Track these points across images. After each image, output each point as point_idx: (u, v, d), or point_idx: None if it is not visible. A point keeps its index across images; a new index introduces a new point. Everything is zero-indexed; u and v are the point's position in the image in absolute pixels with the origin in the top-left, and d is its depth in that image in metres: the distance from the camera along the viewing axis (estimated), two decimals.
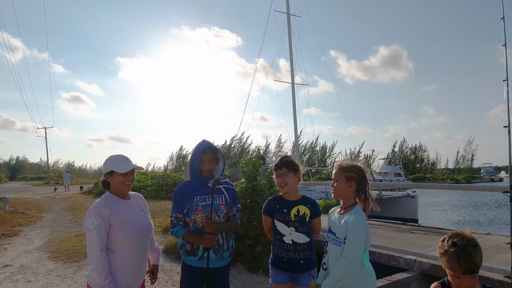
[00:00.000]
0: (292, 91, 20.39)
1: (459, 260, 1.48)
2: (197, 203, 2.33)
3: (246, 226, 4.97)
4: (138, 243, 2.13)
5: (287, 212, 2.33)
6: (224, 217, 2.39)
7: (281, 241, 2.33)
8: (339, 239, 1.98)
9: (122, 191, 2.16)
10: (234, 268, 4.84)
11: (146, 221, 2.24)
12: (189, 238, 2.32)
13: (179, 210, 2.38)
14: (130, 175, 2.16)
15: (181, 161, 66.82)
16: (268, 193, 5.09)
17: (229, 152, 50.51)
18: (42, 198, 17.77)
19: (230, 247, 2.42)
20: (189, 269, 2.36)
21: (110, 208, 2.05)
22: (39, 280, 4.73)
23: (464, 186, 12.32)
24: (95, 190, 20.80)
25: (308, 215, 2.33)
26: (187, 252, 2.36)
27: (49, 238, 7.63)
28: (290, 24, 20.73)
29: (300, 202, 2.37)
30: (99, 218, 2.00)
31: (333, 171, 2.13)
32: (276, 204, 2.40)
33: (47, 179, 41.68)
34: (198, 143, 2.47)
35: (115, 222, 2.04)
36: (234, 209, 2.47)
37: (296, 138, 20.68)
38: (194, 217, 2.32)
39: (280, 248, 2.34)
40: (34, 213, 11.35)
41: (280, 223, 2.35)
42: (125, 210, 2.12)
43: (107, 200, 2.11)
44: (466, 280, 1.50)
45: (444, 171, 66.54)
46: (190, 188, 2.41)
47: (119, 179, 2.11)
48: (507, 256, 4.07)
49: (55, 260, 5.71)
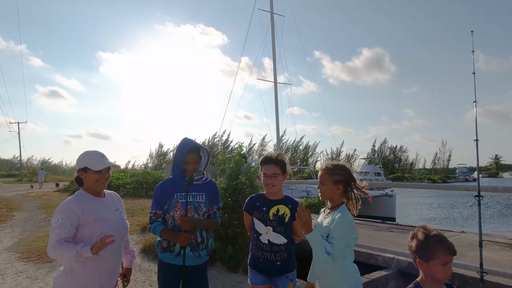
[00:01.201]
0: (274, 90, 20.45)
1: (446, 242, 1.50)
2: (177, 199, 2.31)
3: (226, 225, 4.91)
4: (113, 243, 2.02)
5: (266, 210, 2.28)
6: (204, 215, 2.36)
7: (258, 240, 2.28)
8: (325, 239, 1.94)
9: (96, 189, 2.06)
10: (214, 267, 4.77)
11: (121, 220, 2.14)
12: (166, 235, 2.29)
13: (159, 206, 2.35)
14: (105, 173, 2.07)
15: (161, 158, 65.83)
16: (248, 191, 5.04)
17: (212, 150, 50.19)
18: (14, 196, 17.01)
19: (208, 245, 2.38)
20: (166, 266, 2.33)
21: (81, 206, 1.95)
22: (7, 282, 4.48)
23: (441, 185, 12.71)
24: (71, 188, 20.16)
25: (288, 216, 2.26)
26: (164, 249, 2.32)
27: (19, 237, 7.28)
28: (273, 23, 20.79)
29: (282, 202, 2.31)
30: (64, 217, 1.90)
31: (319, 172, 2.10)
32: (256, 201, 2.35)
33: (20, 176, 40.13)
34: (182, 142, 2.42)
35: (86, 221, 1.94)
36: (215, 207, 2.44)
37: (278, 137, 20.73)
38: (173, 214, 2.31)
39: (257, 248, 2.29)
40: (4, 211, 10.84)
41: (258, 221, 2.29)
42: (99, 208, 2.03)
43: (79, 198, 2.01)
44: (448, 265, 1.50)
45: (422, 171, 68.68)
46: (171, 185, 2.37)
47: (93, 176, 2.03)
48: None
49: (25, 261, 5.44)
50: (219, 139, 57.54)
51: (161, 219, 2.34)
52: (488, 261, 3.81)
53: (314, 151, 64.88)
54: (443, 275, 1.51)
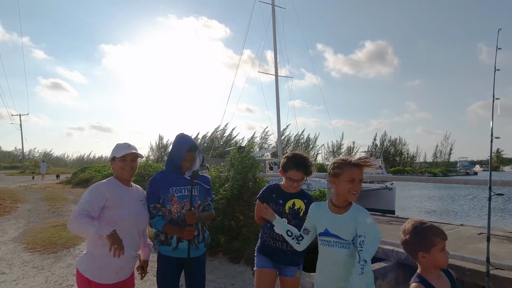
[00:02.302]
0: (275, 83, 20.40)
1: (438, 228, 1.58)
2: (172, 193, 2.32)
3: (229, 217, 4.98)
4: (131, 228, 2.12)
5: (283, 203, 2.33)
6: (199, 208, 2.39)
7: (271, 229, 2.32)
8: (345, 241, 1.78)
9: (122, 176, 2.20)
10: (216, 258, 4.86)
11: (143, 210, 2.24)
12: (169, 230, 2.29)
13: (155, 200, 2.34)
14: (130, 161, 2.19)
15: (162, 151, 65.90)
16: (252, 184, 5.10)
17: (213, 143, 50.19)
18: (17, 188, 17.15)
19: (205, 238, 2.43)
20: (164, 259, 2.36)
21: (110, 189, 2.10)
22: (14, 271, 4.59)
23: (452, 179, 12.71)
24: (73, 180, 20.29)
25: (303, 210, 2.32)
26: (161, 242, 2.35)
27: (24, 229, 7.40)
28: (274, 15, 20.63)
29: (298, 195, 2.35)
30: (92, 195, 2.02)
31: (353, 169, 1.79)
32: (273, 193, 2.37)
33: (22, 168, 40.33)
34: (180, 140, 2.41)
35: (111, 204, 2.06)
36: (209, 199, 2.47)
37: (279, 130, 20.75)
38: (169, 208, 2.31)
39: (270, 237, 2.34)
40: (8, 203, 10.96)
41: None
42: (125, 195, 2.15)
43: (109, 182, 2.18)
44: (445, 249, 1.57)
45: (423, 165, 68.66)
46: (166, 179, 2.38)
47: (118, 164, 2.17)
48: (479, 246, 4.28)
49: (31, 251, 5.55)
50: (220, 132, 57.51)
51: (161, 212, 2.34)
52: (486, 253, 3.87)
53: (315, 144, 64.96)
54: (445, 259, 1.57)
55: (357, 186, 1.75)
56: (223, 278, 4.28)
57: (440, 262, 1.57)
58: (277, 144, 22.15)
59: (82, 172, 21.85)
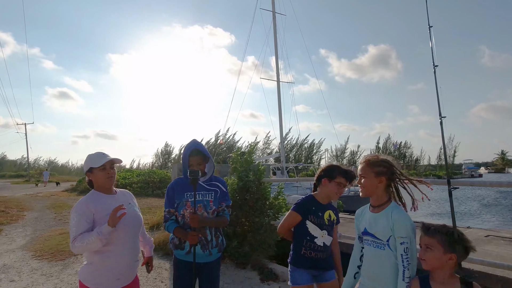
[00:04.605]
0: (277, 88, 20.52)
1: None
2: (186, 198, 2.39)
3: (234, 223, 4.99)
4: (126, 235, 2.13)
5: (321, 215, 2.38)
6: (213, 214, 2.42)
7: (312, 242, 2.33)
8: (380, 241, 1.77)
9: (105, 185, 2.18)
10: (223, 264, 4.86)
11: (134, 213, 2.24)
12: (178, 233, 2.38)
13: (171, 205, 2.44)
14: (109, 168, 2.18)
15: (166, 157, 66.07)
16: (255, 189, 5.11)
17: (216, 149, 50.27)
18: (23, 196, 17.26)
19: (219, 243, 2.45)
20: (179, 262, 2.42)
21: (94, 203, 2.07)
22: (23, 279, 4.63)
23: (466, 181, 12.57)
24: (79, 188, 20.41)
25: (335, 220, 2.44)
26: (176, 246, 2.42)
27: (32, 236, 7.45)
28: (275, 22, 20.85)
29: (329, 206, 2.45)
30: (79, 216, 2.03)
31: (358, 167, 1.95)
32: (312, 205, 2.39)
33: (27, 177, 40.61)
34: (187, 145, 2.50)
35: (100, 216, 2.05)
36: (224, 204, 2.48)
37: (282, 135, 20.82)
38: (183, 212, 2.39)
39: (310, 249, 2.34)
40: (15, 211, 11.03)
41: (313, 225, 2.34)
42: (111, 203, 2.12)
43: (92, 196, 2.14)
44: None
45: (427, 168, 68.26)
46: (182, 185, 2.46)
47: (99, 174, 2.15)
48: (485, 248, 4.29)
49: (39, 259, 5.59)
50: (222, 138, 57.56)
51: (174, 217, 2.43)
52: (494, 255, 3.87)
53: (319, 148, 64.83)
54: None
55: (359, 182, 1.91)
56: (230, 283, 4.30)
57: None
58: (280, 149, 22.17)
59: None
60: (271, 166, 22.00)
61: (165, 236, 5.61)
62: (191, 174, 2.28)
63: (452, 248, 1.56)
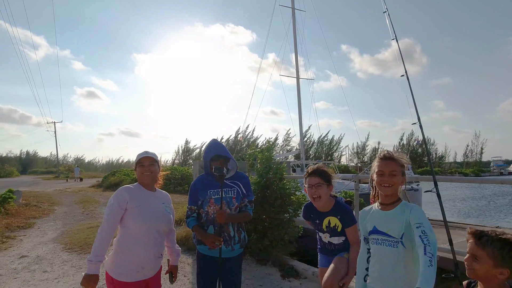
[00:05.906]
0: (297, 85, 20.31)
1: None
2: (210, 196, 2.43)
3: (255, 220, 5.03)
4: (152, 229, 2.19)
5: (319, 223, 2.49)
6: (236, 210, 2.45)
7: (321, 239, 2.58)
8: (394, 238, 1.72)
9: (142, 181, 2.29)
10: (244, 260, 4.92)
11: (164, 212, 2.30)
12: (196, 232, 2.43)
13: (193, 202, 2.50)
14: (148, 165, 2.27)
15: (186, 155, 67.12)
16: (276, 186, 5.12)
17: (236, 146, 50.56)
18: (53, 191, 18.11)
19: (241, 239, 2.49)
20: (202, 257, 2.48)
21: (130, 193, 2.20)
22: (55, 270, 4.88)
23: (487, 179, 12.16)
24: (104, 184, 21.17)
25: (340, 227, 2.40)
26: (199, 242, 2.48)
27: (62, 230, 7.82)
28: (294, 18, 20.56)
29: (331, 213, 2.43)
30: (115, 199, 2.17)
31: (377, 162, 1.83)
32: (310, 213, 2.55)
33: (57, 173, 42.48)
34: (205, 149, 2.55)
35: (131, 205, 2.16)
36: (246, 200, 2.51)
37: (301, 132, 20.62)
38: (207, 209, 2.43)
39: (321, 242, 2.59)
40: (46, 206, 11.60)
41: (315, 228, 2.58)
42: (147, 198, 2.24)
43: (132, 186, 2.28)
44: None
45: (452, 165, 65.83)
46: (205, 182, 2.51)
47: (137, 169, 2.29)
48: None
49: (69, 251, 5.87)
50: (242, 135, 57.81)
51: (196, 214, 2.49)
52: None
53: (339, 145, 63.88)
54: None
55: (386, 179, 1.78)
56: (251, 279, 4.34)
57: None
58: (299, 146, 22.03)
59: (112, 176, 22.76)
60: (291, 163, 21.90)
61: (187, 231, 5.73)
62: (216, 171, 2.35)
63: (507, 263, 1.38)
